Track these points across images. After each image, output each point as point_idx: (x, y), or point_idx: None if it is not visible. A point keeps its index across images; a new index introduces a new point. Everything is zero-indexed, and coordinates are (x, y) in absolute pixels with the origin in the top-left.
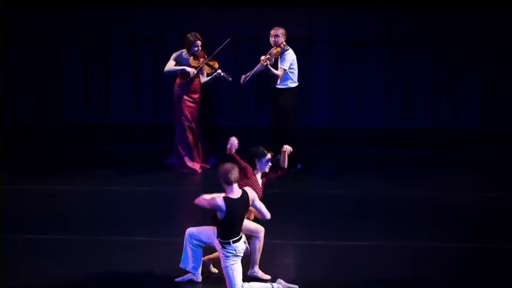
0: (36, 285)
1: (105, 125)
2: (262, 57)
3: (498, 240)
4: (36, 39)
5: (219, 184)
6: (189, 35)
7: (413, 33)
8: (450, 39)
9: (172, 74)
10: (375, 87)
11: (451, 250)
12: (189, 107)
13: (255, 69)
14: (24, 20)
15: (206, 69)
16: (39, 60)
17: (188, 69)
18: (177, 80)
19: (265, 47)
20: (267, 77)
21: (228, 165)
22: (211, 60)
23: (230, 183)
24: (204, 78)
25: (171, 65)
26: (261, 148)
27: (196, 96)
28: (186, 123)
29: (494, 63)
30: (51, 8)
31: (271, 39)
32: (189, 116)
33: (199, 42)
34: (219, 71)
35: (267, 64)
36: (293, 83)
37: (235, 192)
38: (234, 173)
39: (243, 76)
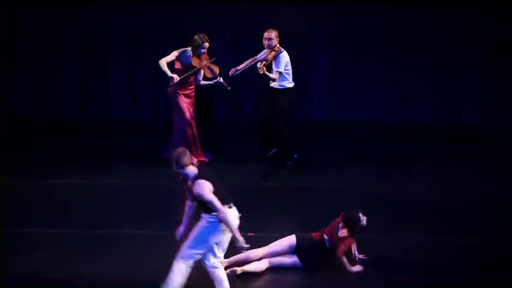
0: (36, 282)
1: (104, 120)
2: (259, 65)
3: (498, 235)
4: (36, 37)
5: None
6: (196, 36)
7: (413, 31)
8: (450, 39)
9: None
10: (375, 85)
11: (451, 246)
12: (186, 101)
13: (247, 65)
14: (24, 18)
15: (206, 73)
16: (38, 57)
17: (171, 75)
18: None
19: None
20: (264, 78)
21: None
22: (214, 65)
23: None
24: (201, 80)
25: (164, 63)
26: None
27: (191, 90)
28: (184, 118)
29: (494, 63)
30: (50, 5)
31: (265, 42)
32: (186, 110)
33: (206, 44)
34: (220, 79)
35: (263, 72)
36: (289, 84)
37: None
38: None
39: (233, 69)
